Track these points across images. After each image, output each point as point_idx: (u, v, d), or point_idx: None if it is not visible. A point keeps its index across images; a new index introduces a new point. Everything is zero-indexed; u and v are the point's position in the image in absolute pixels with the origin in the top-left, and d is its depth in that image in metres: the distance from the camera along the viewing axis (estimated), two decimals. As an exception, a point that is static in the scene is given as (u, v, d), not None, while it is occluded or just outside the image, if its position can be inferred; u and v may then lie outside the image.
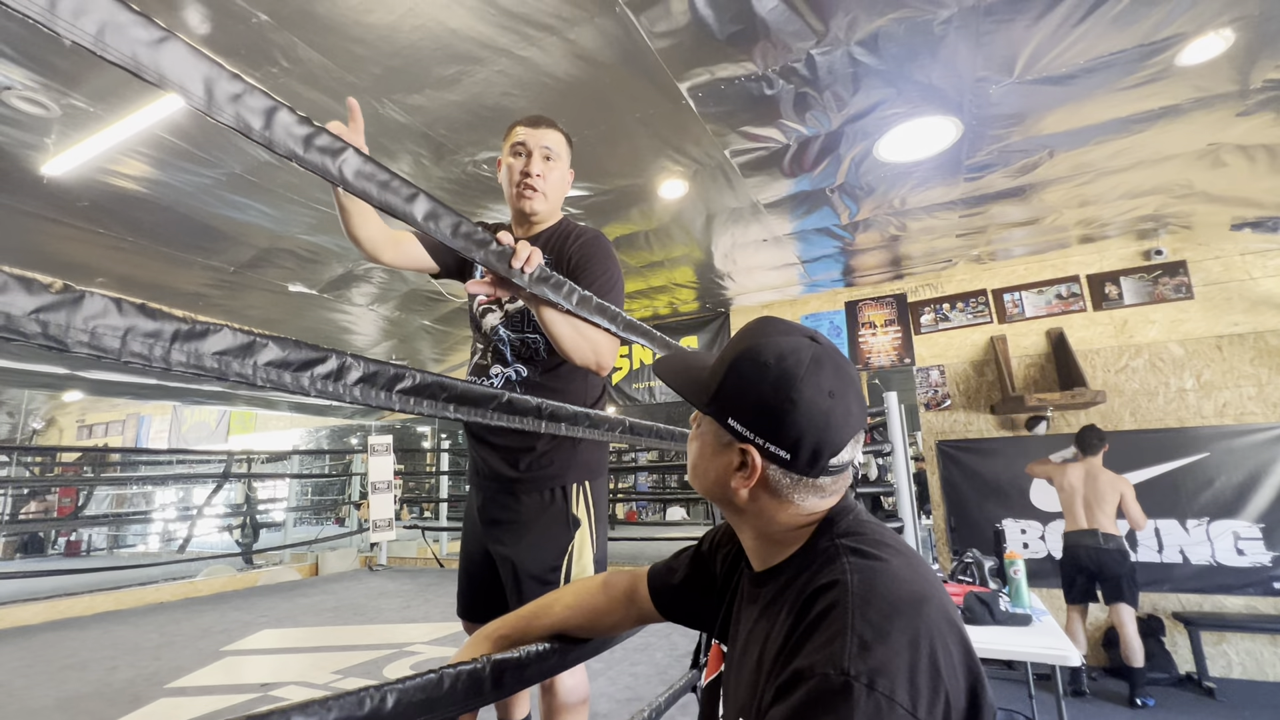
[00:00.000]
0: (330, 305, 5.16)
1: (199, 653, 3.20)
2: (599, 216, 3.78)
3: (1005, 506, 4.46)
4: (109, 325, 0.48)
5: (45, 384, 7.29)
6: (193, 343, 0.53)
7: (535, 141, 1.35)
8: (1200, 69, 2.50)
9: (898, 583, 0.57)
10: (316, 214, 3.57)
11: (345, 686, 2.71)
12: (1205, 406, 4.07)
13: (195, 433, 10.21)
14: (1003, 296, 4.78)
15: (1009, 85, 2.60)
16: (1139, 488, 4.09)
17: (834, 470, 0.66)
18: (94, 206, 3.28)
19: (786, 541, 0.69)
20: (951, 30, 2.27)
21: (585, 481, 1.32)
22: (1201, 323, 4.17)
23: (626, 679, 2.61)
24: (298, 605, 4.44)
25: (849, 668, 0.50)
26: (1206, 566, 3.90)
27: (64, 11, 0.45)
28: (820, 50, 2.36)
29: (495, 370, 1.34)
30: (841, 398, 0.65)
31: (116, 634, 3.72)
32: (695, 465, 0.73)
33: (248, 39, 2.20)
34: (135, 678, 2.81)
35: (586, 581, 0.97)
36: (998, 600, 2.35)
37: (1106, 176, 3.45)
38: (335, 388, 0.66)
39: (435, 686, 0.68)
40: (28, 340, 0.43)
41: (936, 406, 4.85)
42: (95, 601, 4.49)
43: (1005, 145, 3.08)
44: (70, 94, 2.43)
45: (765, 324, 0.70)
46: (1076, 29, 2.26)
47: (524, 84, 2.52)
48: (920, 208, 3.82)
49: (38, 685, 2.75)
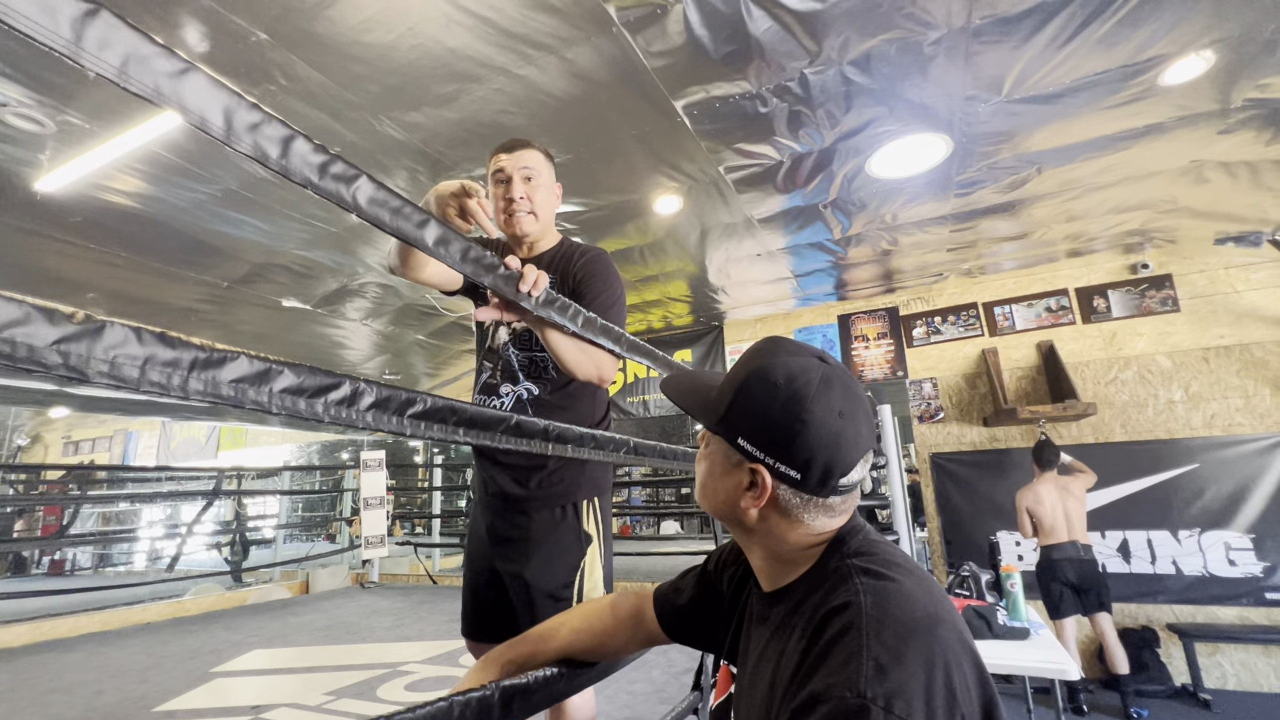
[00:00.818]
0: (323, 320, 5.14)
1: (188, 675, 3.14)
2: (594, 232, 3.80)
3: (999, 518, 4.48)
4: (128, 355, 0.48)
5: (31, 400, 7.19)
6: (210, 371, 0.53)
7: (514, 165, 1.38)
8: (1182, 88, 2.57)
9: (911, 604, 0.57)
10: (311, 229, 3.57)
11: (338, 708, 2.67)
12: (1194, 418, 4.12)
13: (185, 448, 10.09)
14: (993, 310, 4.84)
15: (998, 104, 2.65)
16: (1131, 499, 4.14)
17: (844, 490, 0.66)
18: (86, 222, 3.26)
19: (796, 561, 0.69)
20: (941, 51, 2.32)
21: (595, 498, 1.34)
22: (1188, 335, 4.24)
23: (625, 698, 2.59)
24: (288, 624, 4.37)
25: (865, 690, 0.50)
26: (1199, 577, 3.92)
27: (89, 45, 0.46)
28: (813, 70, 2.41)
29: (505, 389, 1.35)
30: (851, 418, 0.66)
31: (103, 656, 3.64)
32: (704, 485, 0.73)
33: (246, 57, 2.21)
34: (122, 701, 2.76)
35: (592, 604, 0.97)
36: (995, 614, 2.35)
37: (1093, 192, 3.51)
38: (349, 413, 0.66)
39: (445, 714, 0.67)
40: (49, 372, 0.43)
41: (930, 419, 4.88)
42: (80, 622, 4.40)
43: (994, 162, 3.14)
44: (66, 110, 2.43)
45: (774, 344, 0.71)
46: (1063, 50, 2.32)
47: (521, 102, 2.54)
48: (912, 223, 3.87)
49: (22, 711, 2.68)
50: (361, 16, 2.06)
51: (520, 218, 1.37)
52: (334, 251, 3.91)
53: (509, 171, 1.37)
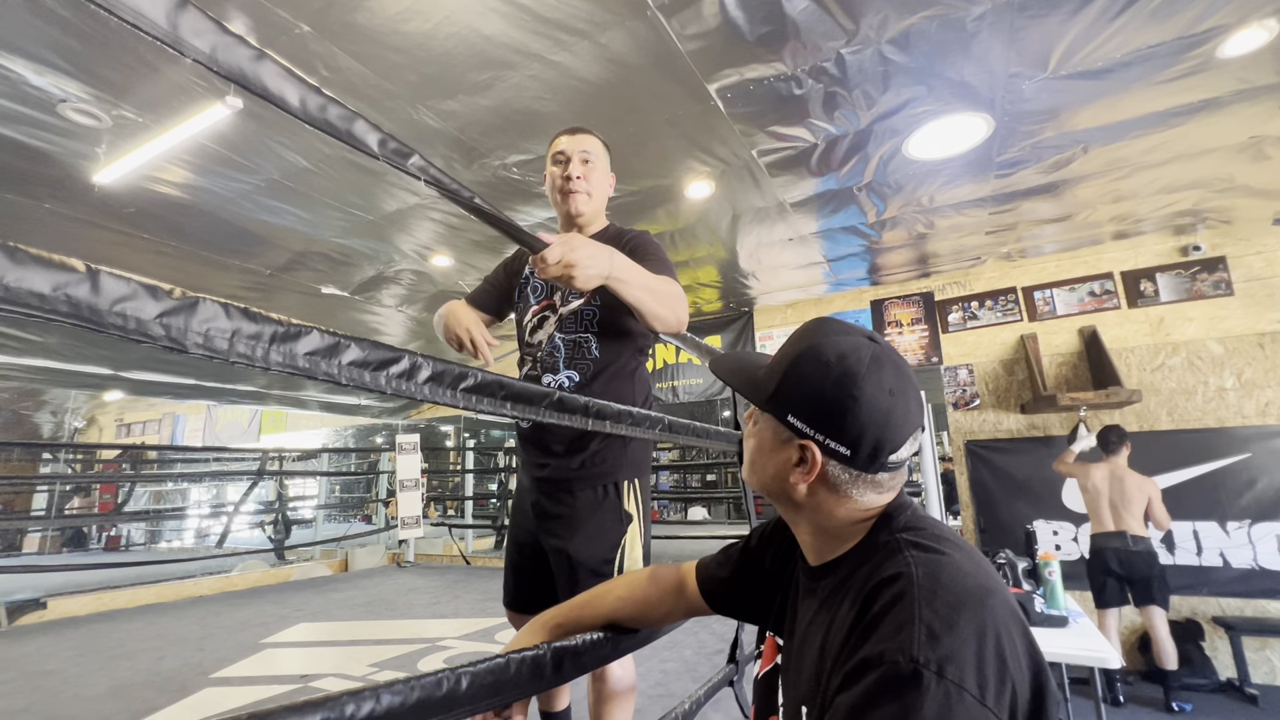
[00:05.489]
0: (360, 307, 5.27)
1: (239, 645, 3.30)
2: (626, 217, 3.81)
3: (1036, 507, 4.39)
4: (219, 328, 0.51)
5: (88, 384, 7.54)
6: (288, 344, 0.56)
7: (574, 148, 1.46)
8: (1242, 60, 2.45)
9: (962, 575, 0.58)
10: (349, 218, 3.66)
11: (381, 679, 2.77)
12: (1246, 406, 3.96)
13: (228, 431, 10.48)
14: (1033, 294, 4.70)
15: (1043, 81, 2.56)
16: (1176, 489, 4.01)
17: (893, 467, 0.67)
18: (139, 213, 3.40)
19: (844, 536, 0.70)
20: (984, 27, 2.25)
21: (635, 479, 1.38)
22: (1242, 320, 4.07)
23: (657, 675, 2.64)
24: (330, 600, 4.54)
25: (918, 655, 0.51)
26: (1249, 570, 3.80)
27: (185, 33, 0.49)
28: (850, 49, 2.36)
29: (546, 380, 1.40)
30: (901, 396, 0.66)
31: (160, 625, 3.85)
32: (753, 461, 0.75)
33: (290, 49, 2.26)
34: (181, 667, 2.91)
35: (636, 574, 1.00)
36: (1033, 602, 2.33)
37: (1142, 171, 3.38)
38: (408, 386, 0.69)
39: (503, 670, 0.71)
40: (154, 342, 0.47)
41: (965, 406, 4.79)
42: (137, 594, 4.65)
43: (1038, 141, 3.04)
44: (120, 105, 2.52)
45: (824, 324, 0.72)
46: (1114, 22, 2.23)
47: (555, 88, 2.55)
48: (949, 205, 3.78)
49: (91, 674, 2.86)
50: (400, 6, 2.09)
51: (576, 197, 1.44)
52: (371, 239, 4.00)
53: (569, 153, 1.45)
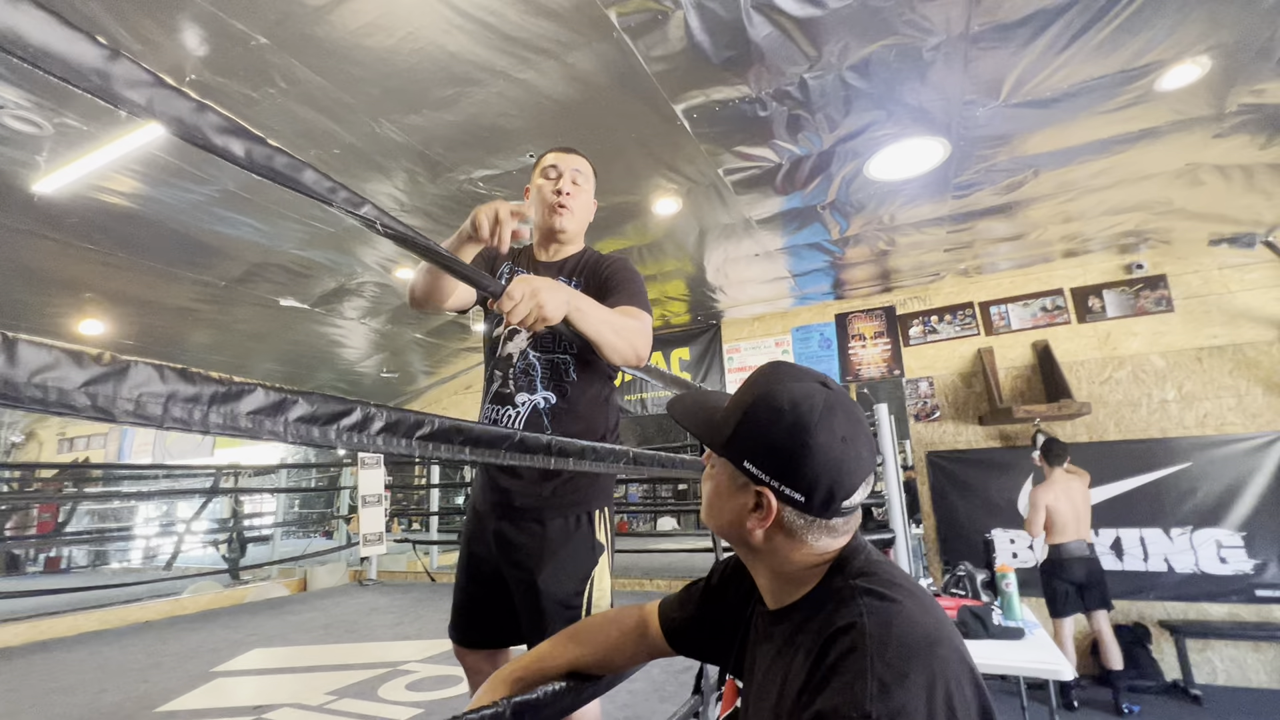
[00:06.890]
0: (321, 319, 5.14)
1: (188, 674, 3.15)
2: (594, 232, 3.79)
3: (994, 516, 4.52)
4: (152, 393, 0.49)
5: (26, 398, 7.15)
6: (229, 404, 0.54)
7: (566, 164, 1.44)
8: (1178, 94, 2.59)
9: (912, 625, 0.59)
10: (309, 229, 3.57)
11: (341, 708, 2.68)
12: (1187, 417, 4.16)
13: (180, 445, 10.06)
14: (989, 309, 4.86)
15: (995, 108, 2.66)
16: (1124, 497, 4.18)
17: (846, 512, 0.68)
18: (84, 223, 3.25)
19: (800, 580, 0.71)
20: (940, 56, 2.33)
21: (605, 507, 1.34)
22: (1182, 335, 4.27)
23: (624, 696, 2.61)
24: (287, 623, 4.38)
25: (870, 710, 0.52)
26: (1191, 575, 3.97)
27: (118, 85, 0.47)
28: (813, 74, 2.41)
29: (521, 399, 1.33)
30: (853, 442, 0.67)
31: (102, 655, 3.65)
32: (710, 505, 0.75)
33: (246, 60, 2.20)
34: (124, 701, 2.77)
35: (596, 619, 0.98)
36: (990, 614, 2.38)
37: (1089, 194, 3.53)
38: (360, 438, 0.67)
39: (459, 731, 0.69)
40: (78, 414, 0.44)
41: (926, 418, 4.91)
42: (79, 621, 4.40)
43: (992, 165, 3.16)
44: (63, 112, 2.42)
45: (778, 369, 0.73)
46: (1061, 55, 2.33)
47: (521, 105, 2.54)
48: (909, 223, 3.89)
49: (24, 711, 2.69)
50: (362, 21, 2.06)
51: (564, 213, 1.42)
52: (331, 251, 3.91)
53: (561, 169, 1.43)
